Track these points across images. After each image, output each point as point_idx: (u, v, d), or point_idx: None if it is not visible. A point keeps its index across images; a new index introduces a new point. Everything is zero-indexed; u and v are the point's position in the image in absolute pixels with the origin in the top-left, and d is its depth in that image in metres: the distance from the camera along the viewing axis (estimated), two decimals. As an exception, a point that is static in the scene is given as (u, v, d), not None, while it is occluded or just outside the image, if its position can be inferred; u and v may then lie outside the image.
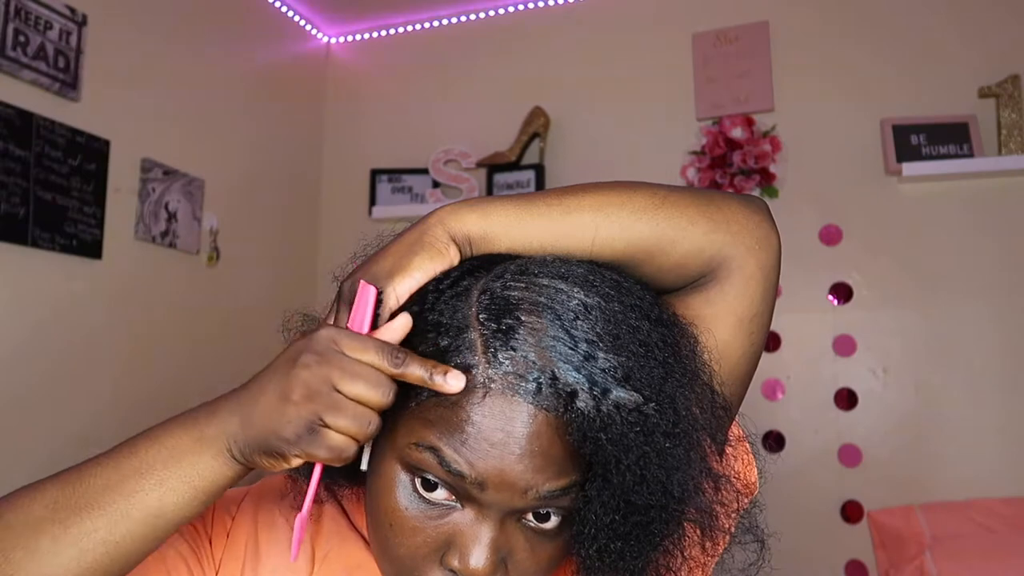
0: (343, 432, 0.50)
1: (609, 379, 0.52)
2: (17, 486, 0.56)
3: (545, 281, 0.55)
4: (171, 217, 2.35)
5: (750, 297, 0.64)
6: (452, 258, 0.58)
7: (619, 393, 0.52)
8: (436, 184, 2.84)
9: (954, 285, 2.33)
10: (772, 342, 2.45)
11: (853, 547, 2.31)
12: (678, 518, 0.56)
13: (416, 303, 0.57)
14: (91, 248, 2.09)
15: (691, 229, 0.61)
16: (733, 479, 0.61)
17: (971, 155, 2.31)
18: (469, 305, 0.55)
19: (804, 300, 2.44)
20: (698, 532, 0.57)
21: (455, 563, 0.54)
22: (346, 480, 0.65)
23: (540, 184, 2.70)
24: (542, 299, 0.54)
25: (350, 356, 0.51)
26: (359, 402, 0.50)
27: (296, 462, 0.52)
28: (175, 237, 2.37)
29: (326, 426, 0.50)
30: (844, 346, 2.41)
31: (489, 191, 2.76)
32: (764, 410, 2.41)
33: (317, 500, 0.67)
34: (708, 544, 0.58)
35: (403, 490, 0.56)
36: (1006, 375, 2.26)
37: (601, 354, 0.53)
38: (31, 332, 1.96)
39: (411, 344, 0.55)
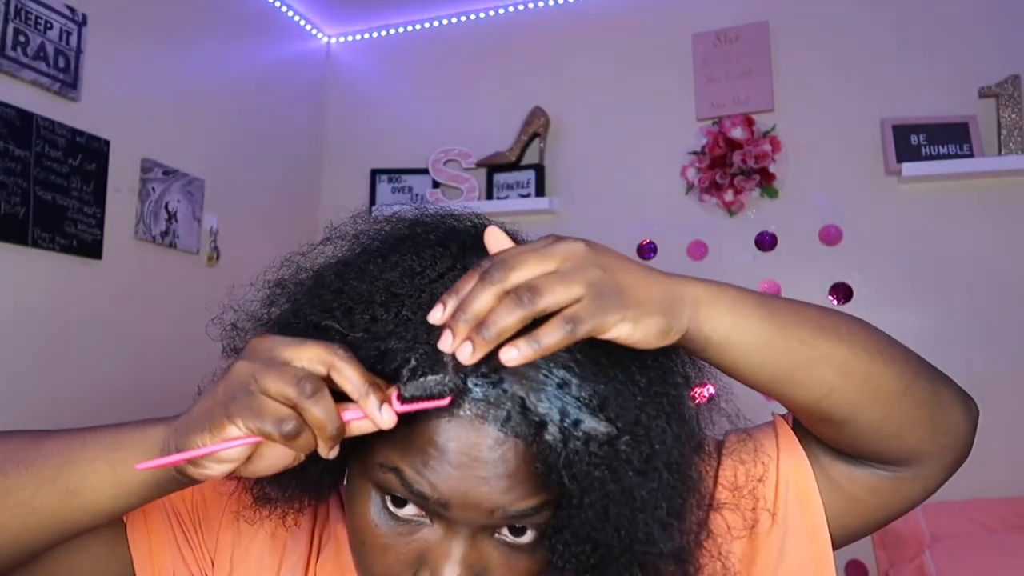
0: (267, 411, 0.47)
1: (582, 408, 0.50)
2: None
3: None
4: (171, 217, 2.35)
5: (912, 503, 0.62)
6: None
7: (591, 424, 0.50)
8: (436, 184, 2.84)
9: (954, 285, 2.32)
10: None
11: (853, 547, 2.31)
12: (643, 559, 0.53)
13: (392, 315, 0.54)
14: (91, 248, 2.09)
15: (912, 431, 0.57)
16: (720, 506, 0.60)
17: (971, 155, 2.30)
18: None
19: (804, 300, 2.43)
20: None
21: None
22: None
23: (540, 184, 2.70)
24: None
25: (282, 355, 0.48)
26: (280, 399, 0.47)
27: (233, 430, 0.47)
28: (175, 237, 2.37)
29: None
30: (844, 346, 2.40)
31: (489, 191, 2.76)
32: (764, 410, 2.40)
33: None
34: None
35: (374, 507, 0.55)
36: (1006, 375, 2.26)
37: (576, 380, 0.50)
38: (31, 332, 1.96)
39: (382, 360, 0.53)
